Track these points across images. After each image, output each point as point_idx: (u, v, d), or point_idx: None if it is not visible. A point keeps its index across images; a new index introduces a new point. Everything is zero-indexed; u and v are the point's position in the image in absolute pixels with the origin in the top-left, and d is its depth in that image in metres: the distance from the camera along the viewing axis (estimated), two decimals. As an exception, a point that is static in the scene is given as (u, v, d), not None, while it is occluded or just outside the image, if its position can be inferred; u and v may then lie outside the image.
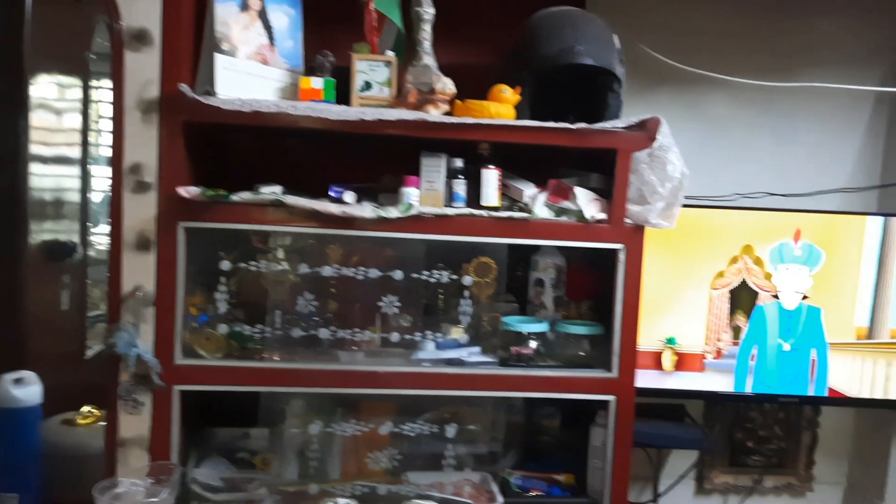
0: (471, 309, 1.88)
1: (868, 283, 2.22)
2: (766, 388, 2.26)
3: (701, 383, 2.26)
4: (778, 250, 2.20)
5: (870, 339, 2.25)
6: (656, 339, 2.24)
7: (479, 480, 1.98)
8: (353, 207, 1.73)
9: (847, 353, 2.25)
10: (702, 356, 2.25)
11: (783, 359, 2.25)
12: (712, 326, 2.24)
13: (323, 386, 1.79)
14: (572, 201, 1.83)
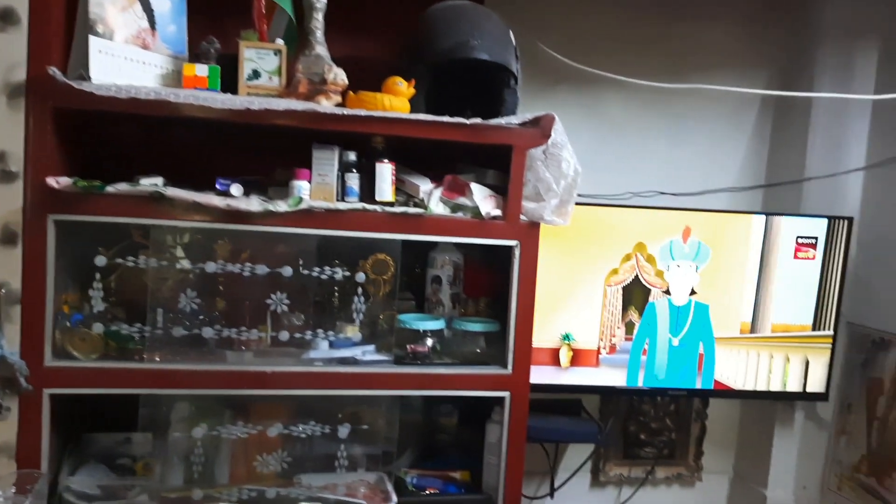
0: (364, 306, 1.84)
1: (752, 279, 2.31)
2: (658, 381, 2.31)
3: (596, 378, 2.29)
4: (668, 248, 2.26)
5: (753, 333, 2.34)
6: (553, 335, 2.25)
7: (375, 480, 1.95)
8: (239, 201, 1.65)
9: (732, 347, 2.33)
10: (597, 352, 2.28)
11: (673, 353, 2.31)
12: (607, 322, 2.27)
13: (208, 387, 1.71)
14: (468, 197, 1.82)
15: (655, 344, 2.30)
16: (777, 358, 2.36)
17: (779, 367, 2.36)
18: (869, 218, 2.43)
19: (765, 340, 2.34)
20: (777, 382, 2.37)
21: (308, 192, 1.74)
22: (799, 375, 2.37)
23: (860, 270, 2.45)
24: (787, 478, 2.58)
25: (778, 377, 2.37)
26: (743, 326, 2.33)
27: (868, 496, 2.39)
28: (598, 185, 2.33)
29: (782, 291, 2.32)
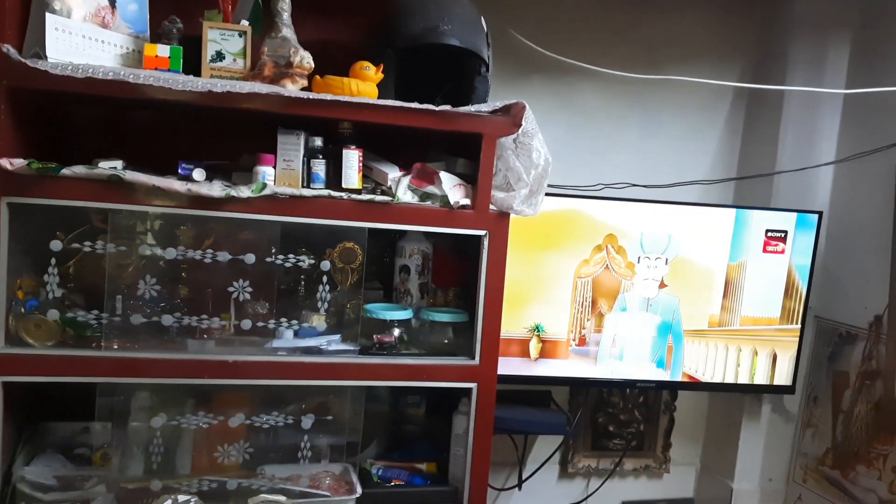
0: (330, 295, 1.81)
1: (721, 272, 2.31)
2: (627, 373, 2.31)
3: (566, 370, 2.28)
4: (639, 241, 2.25)
5: (722, 326, 2.34)
6: (523, 327, 2.24)
7: (340, 472, 1.92)
8: (201, 185, 1.61)
9: (701, 340, 2.33)
10: (567, 343, 2.27)
11: (642, 345, 2.30)
12: (577, 314, 2.26)
13: (168, 376, 1.67)
14: (437, 186, 1.79)
15: (625, 336, 2.29)
16: (745, 351, 2.36)
17: (747, 360, 2.36)
18: (838, 212, 2.45)
19: (733, 333, 2.34)
20: (745, 375, 2.38)
21: (273, 177, 1.70)
22: (766, 368, 2.38)
23: (829, 265, 2.46)
24: (754, 470, 2.60)
25: (746, 370, 2.38)
26: (712, 319, 2.33)
27: (832, 489, 2.41)
28: (569, 176, 2.31)
29: (751, 285, 2.32)
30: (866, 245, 2.32)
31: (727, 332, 2.34)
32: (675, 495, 2.73)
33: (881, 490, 2.22)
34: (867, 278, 2.31)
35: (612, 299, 2.28)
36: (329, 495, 1.82)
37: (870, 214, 2.30)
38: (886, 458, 2.21)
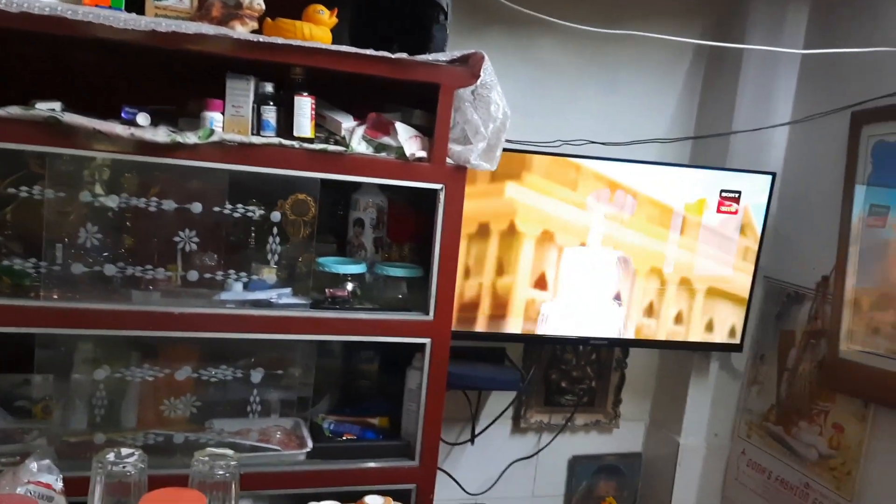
0: (281, 248, 1.76)
1: (675, 231, 2.32)
2: (580, 330, 2.32)
3: (520, 327, 2.28)
4: (594, 198, 2.23)
5: (674, 284, 2.36)
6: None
7: (291, 426, 1.91)
8: (145, 130, 1.55)
9: (654, 298, 2.35)
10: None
11: (594, 303, 2.31)
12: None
13: (111, 328, 1.62)
14: (392, 137, 1.75)
15: (580, 294, 2.30)
16: (696, 309, 2.39)
17: (697, 319, 2.39)
18: (791, 174, 2.47)
19: (685, 292, 2.37)
20: (695, 334, 2.41)
21: (221, 124, 1.64)
22: (716, 327, 2.42)
23: (780, 226, 2.49)
24: (700, 425, 2.65)
25: (696, 328, 2.41)
26: (665, 278, 2.34)
27: (775, 444, 2.48)
28: (527, 131, 2.28)
29: (704, 244, 2.34)
30: (817, 206, 2.35)
31: (679, 290, 2.36)
32: (623, 450, 2.78)
33: (821, 445, 2.29)
34: (816, 240, 2.34)
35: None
36: (279, 449, 1.80)
37: (822, 176, 2.33)
38: (827, 414, 2.27)
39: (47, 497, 1.36)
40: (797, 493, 2.37)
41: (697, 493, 2.68)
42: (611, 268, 2.31)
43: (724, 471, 2.69)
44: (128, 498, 1.37)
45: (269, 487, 1.75)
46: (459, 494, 2.51)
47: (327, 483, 1.78)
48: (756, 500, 2.54)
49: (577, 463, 2.72)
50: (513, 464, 2.60)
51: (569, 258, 2.26)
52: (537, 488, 2.68)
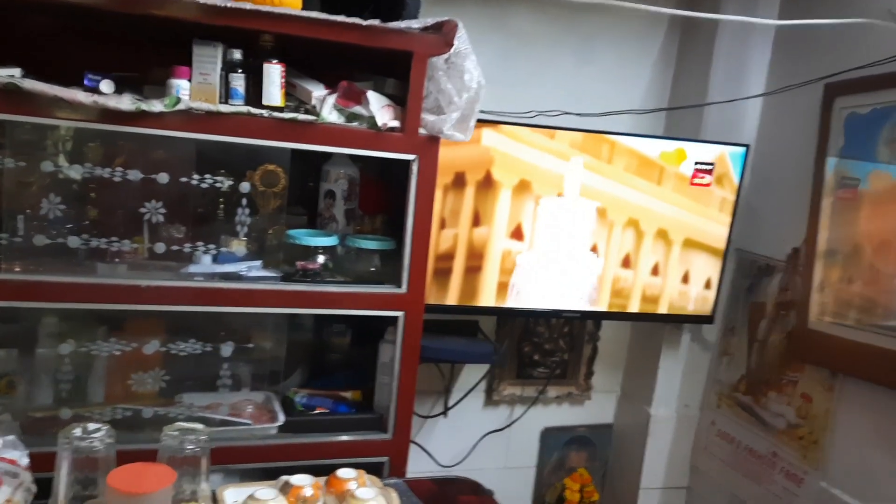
0: (251, 220, 1.73)
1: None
2: (556, 290, 2.31)
3: (492, 300, 2.27)
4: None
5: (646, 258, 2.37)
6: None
7: (262, 400, 1.89)
8: (108, 98, 1.50)
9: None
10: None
11: (567, 275, 2.31)
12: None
13: (76, 301, 1.58)
14: (364, 106, 1.72)
15: (551, 266, 2.29)
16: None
17: (674, 271, 2.39)
18: (764, 146, 2.48)
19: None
20: (671, 284, 2.42)
21: (188, 92, 1.60)
22: (692, 278, 2.43)
23: (752, 198, 2.50)
24: (671, 396, 2.68)
25: (672, 280, 2.41)
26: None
27: (744, 413, 2.51)
28: (501, 102, 2.26)
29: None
30: (789, 178, 2.36)
31: (653, 264, 2.37)
32: (595, 421, 2.80)
33: (789, 414, 2.33)
34: (788, 211, 2.36)
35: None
36: (250, 423, 1.78)
37: (794, 148, 2.34)
38: (796, 384, 2.31)
39: (12, 473, 1.33)
40: (765, 461, 2.41)
41: (667, 462, 2.71)
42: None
43: (694, 441, 2.73)
44: (95, 473, 1.35)
45: (240, 461, 1.74)
46: (432, 466, 2.52)
47: (300, 457, 1.77)
48: (725, 469, 2.58)
49: (549, 434, 2.74)
50: (485, 436, 2.61)
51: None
52: (509, 460, 2.70)
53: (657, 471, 2.71)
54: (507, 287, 2.26)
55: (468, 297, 2.23)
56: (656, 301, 2.42)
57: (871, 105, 2.06)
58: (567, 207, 2.26)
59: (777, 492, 2.35)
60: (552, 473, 2.77)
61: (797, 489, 2.28)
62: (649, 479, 2.70)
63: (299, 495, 1.46)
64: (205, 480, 1.43)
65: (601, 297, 2.37)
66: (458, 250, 2.18)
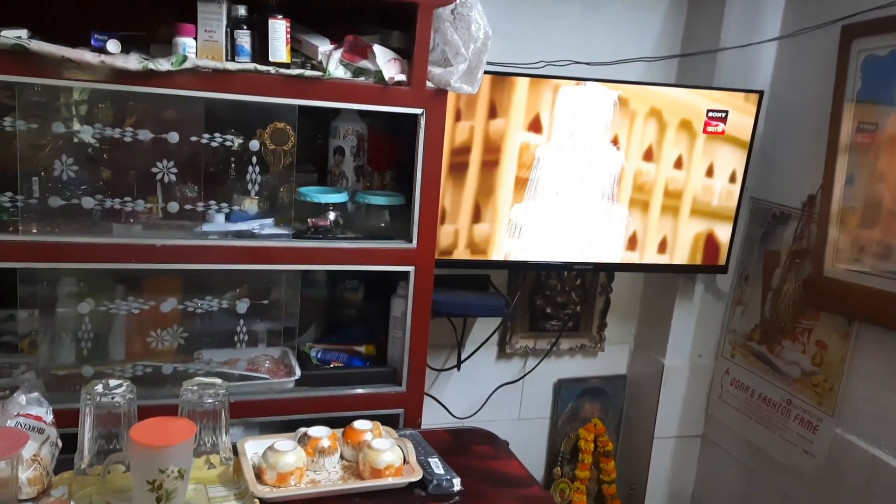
0: (260, 178, 1.74)
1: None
2: (564, 255, 2.31)
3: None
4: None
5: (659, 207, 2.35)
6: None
7: (279, 355, 1.92)
8: (116, 57, 1.50)
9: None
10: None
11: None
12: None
13: (93, 261, 1.61)
14: (371, 60, 1.71)
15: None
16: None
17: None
18: (779, 91, 2.44)
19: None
20: (680, 256, 2.42)
21: (194, 50, 1.59)
22: (702, 249, 2.42)
23: (766, 145, 2.47)
24: (685, 347, 2.69)
25: (681, 251, 2.41)
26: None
27: (758, 362, 2.52)
28: (508, 53, 2.23)
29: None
30: (805, 125, 2.33)
31: (665, 213, 2.36)
32: (608, 372, 2.82)
33: (804, 362, 2.33)
34: (803, 159, 2.33)
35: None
36: (268, 378, 1.82)
37: (810, 93, 2.30)
38: (811, 332, 2.31)
39: (38, 429, 1.37)
40: (779, 409, 2.43)
41: (681, 412, 2.73)
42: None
43: (708, 390, 2.74)
44: (118, 428, 1.39)
45: (259, 415, 1.78)
46: (447, 418, 2.56)
47: (316, 409, 1.81)
48: (739, 417, 2.60)
49: (563, 386, 2.77)
50: (499, 388, 2.64)
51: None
52: (523, 411, 2.74)
53: (671, 420, 2.73)
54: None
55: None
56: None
57: (889, 47, 2.01)
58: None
59: (791, 438, 2.37)
60: (566, 424, 2.80)
61: (812, 436, 2.30)
62: (663, 428, 2.72)
63: (317, 446, 1.50)
64: (225, 433, 1.47)
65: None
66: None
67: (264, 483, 1.41)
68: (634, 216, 2.33)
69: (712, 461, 2.75)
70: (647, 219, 2.34)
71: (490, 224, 2.19)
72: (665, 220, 2.36)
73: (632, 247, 2.36)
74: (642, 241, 2.37)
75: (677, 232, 2.38)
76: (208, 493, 1.40)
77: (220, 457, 1.46)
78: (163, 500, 1.25)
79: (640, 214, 2.33)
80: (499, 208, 2.18)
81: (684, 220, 2.38)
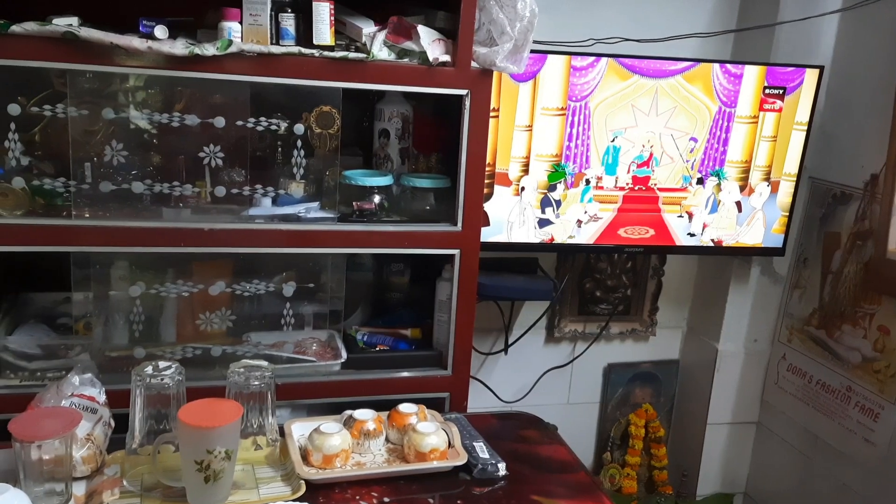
0: (306, 161, 1.74)
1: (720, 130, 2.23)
2: (613, 238, 2.27)
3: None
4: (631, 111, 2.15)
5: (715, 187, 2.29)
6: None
7: (326, 338, 1.93)
8: (162, 43, 1.51)
9: (694, 202, 2.29)
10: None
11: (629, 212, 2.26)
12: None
13: (143, 245, 1.63)
14: (415, 41, 1.69)
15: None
16: (738, 213, 2.32)
17: (739, 222, 2.33)
18: (840, 67, 2.34)
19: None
20: (735, 237, 2.35)
21: (239, 34, 1.60)
22: (758, 230, 2.35)
23: (826, 123, 2.38)
24: (740, 331, 2.62)
25: (738, 232, 2.34)
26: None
27: (817, 347, 2.44)
28: (557, 31, 2.18)
29: (746, 143, 2.25)
30: (867, 101, 2.23)
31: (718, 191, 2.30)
32: (660, 357, 2.77)
33: (865, 348, 2.25)
34: (865, 136, 2.23)
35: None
36: (315, 360, 1.83)
37: (874, 68, 2.20)
38: (873, 317, 2.22)
39: (91, 409, 1.40)
40: (839, 396, 2.35)
41: (735, 398, 2.67)
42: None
43: (764, 376, 2.68)
44: (168, 409, 1.41)
45: (306, 397, 1.79)
46: (494, 402, 2.55)
47: (362, 392, 1.81)
48: (797, 404, 2.53)
49: (613, 370, 2.73)
50: (547, 372, 2.62)
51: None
52: (572, 396, 2.71)
53: (725, 406, 2.67)
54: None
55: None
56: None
57: (960, 17, 1.91)
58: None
59: (851, 426, 2.29)
60: (616, 409, 2.77)
61: (873, 423, 2.22)
62: (717, 414, 2.67)
63: (362, 429, 1.50)
64: (271, 415, 1.48)
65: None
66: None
67: (310, 465, 1.42)
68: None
69: (767, 449, 2.68)
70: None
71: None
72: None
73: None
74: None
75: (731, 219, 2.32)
76: (255, 474, 1.42)
77: (267, 438, 1.48)
78: (211, 480, 1.27)
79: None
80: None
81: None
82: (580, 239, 2.27)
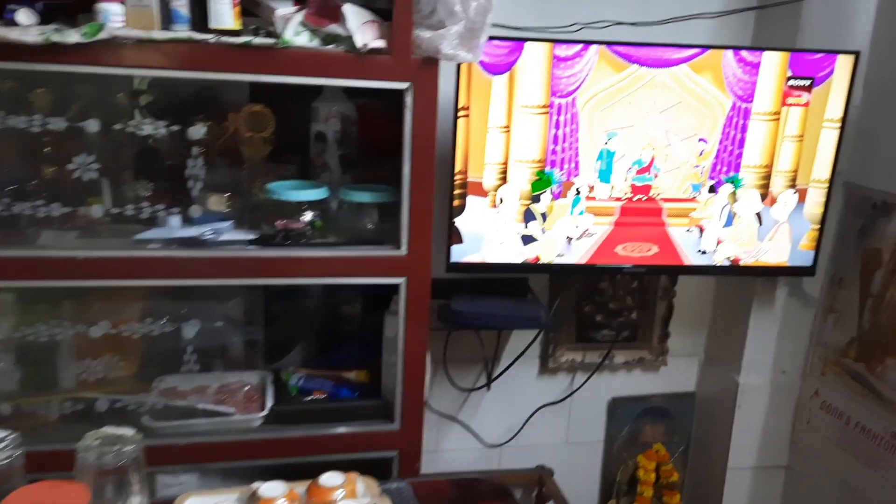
0: (203, 172, 1.44)
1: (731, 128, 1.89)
2: (609, 256, 1.94)
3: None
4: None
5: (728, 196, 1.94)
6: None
7: (257, 381, 1.63)
8: (11, 30, 1.22)
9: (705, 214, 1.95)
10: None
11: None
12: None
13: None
14: (341, 24, 1.37)
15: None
16: (759, 225, 1.98)
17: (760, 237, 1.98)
18: (879, 52, 1.98)
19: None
20: (755, 255, 2.00)
21: (122, 17, 1.30)
22: (783, 246, 2.00)
23: (863, 118, 2.02)
24: (765, 361, 2.27)
25: (759, 248, 1.99)
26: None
27: (855, 384, 2.08)
28: (536, 15, 1.86)
29: (766, 144, 1.91)
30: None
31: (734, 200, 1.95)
32: (673, 389, 2.43)
33: (913, 387, 1.89)
34: (912, 134, 1.88)
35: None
36: (232, 412, 1.52)
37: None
38: (922, 351, 1.85)
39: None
40: (881, 443, 1.98)
41: (761, 437, 2.32)
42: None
43: (794, 414, 2.31)
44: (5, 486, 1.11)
45: (218, 459, 1.48)
46: (476, 446, 2.23)
47: (289, 453, 1.51)
48: (831, 449, 2.16)
49: (618, 405, 2.38)
50: (541, 408, 2.28)
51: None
52: (571, 434, 2.37)
53: (749, 447, 2.32)
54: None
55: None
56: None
57: None
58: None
59: (897, 480, 1.93)
60: (623, 450, 2.42)
61: (923, 477, 1.85)
62: (739, 456, 2.32)
63: (265, 510, 1.19)
64: (137, 493, 1.17)
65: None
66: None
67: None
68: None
69: (798, 498, 2.33)
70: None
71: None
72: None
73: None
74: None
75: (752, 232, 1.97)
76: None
77: (132, 525, 1.17)
78: None
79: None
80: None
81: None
82: (570, 258, 1.94)
